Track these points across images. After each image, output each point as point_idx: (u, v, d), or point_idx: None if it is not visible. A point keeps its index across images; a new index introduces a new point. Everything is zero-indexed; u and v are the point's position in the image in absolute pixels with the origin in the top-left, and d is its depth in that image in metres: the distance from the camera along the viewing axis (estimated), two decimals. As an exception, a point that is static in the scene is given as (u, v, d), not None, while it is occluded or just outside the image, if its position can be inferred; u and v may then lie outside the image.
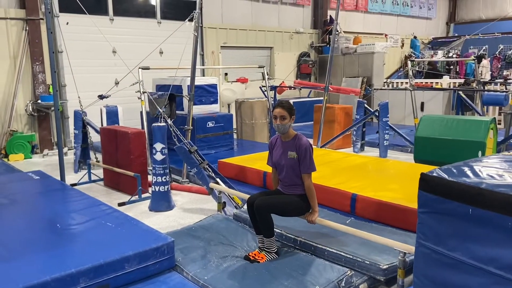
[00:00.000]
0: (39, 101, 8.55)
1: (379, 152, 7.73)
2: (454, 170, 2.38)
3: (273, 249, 3.39)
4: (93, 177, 6.40)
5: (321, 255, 3.36)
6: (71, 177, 6.37)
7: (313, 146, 3.48)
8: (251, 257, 3.36)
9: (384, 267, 3.02)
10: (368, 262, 3.09)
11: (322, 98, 8.39)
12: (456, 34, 18.29)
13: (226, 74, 11.97)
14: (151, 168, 5.53)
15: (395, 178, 5.03)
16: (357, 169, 5.48)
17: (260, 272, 3.09)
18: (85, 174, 6.40)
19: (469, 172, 2.34)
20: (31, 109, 8.61)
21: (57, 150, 7.03)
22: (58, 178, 5.57)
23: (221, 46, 11.74)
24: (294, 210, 3.45)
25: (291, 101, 12.25)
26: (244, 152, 7.39)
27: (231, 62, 11.84)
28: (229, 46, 11.94)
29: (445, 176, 2.31)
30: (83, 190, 5.23)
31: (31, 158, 8.31)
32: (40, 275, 2.63)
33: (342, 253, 3.26)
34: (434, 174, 2.36)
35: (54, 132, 8.90)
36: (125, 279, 2.95)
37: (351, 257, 3.20)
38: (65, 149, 8.33)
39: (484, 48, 16.04)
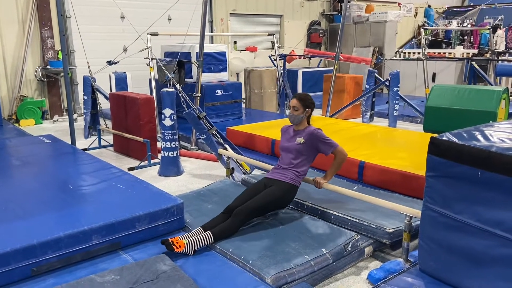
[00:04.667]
0: (48, 66, 8.55)
1: (388, 122, 7.68)
2: (465, 134, 2.37)
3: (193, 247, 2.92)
4: (103, 143, 6.47)
5: (328, 219, 3.41)
6: (81, 143, 6.43)
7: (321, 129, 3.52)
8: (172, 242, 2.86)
9: (390, 230, 3.06)
10: (374, 226, 3.13)
11: (332, 68, 8.27)
12: (471, 4, 17.75)
13: (235, 42, 11.81)
14: (160, 135, 5.56)
15: (403, 147, 5.02)
16: (365, 138, 5.47)
17: (268, 234, 3.15)
18: (95, 140, 6.47)
19: (479, 136, 2.32)
20: (40, 75, 8.63)
21: (67, 116, 7.08)
22: (69, 143, 5.64)
23: (230, 13, 11.54)
24: (275, 207, 3.40)
25: (301, 71, 11.86)
26: (253, 121, 7.38)
27: (241, 30, 11.66)
28: (238, 14, 11.72)
29: (455, 139, 2.31)
30: (93, 155, 5.30)
31: (41, 123, 8.40)
32: (53, 231, 2.71)
33: (348, 217, 3.30)
34: (444, 138, 2.35)
35: (63, 98, 8.94)
36: (136, 238, 3.03)
37: (357, 221, 3.24)
38: (74, 115, 8.38)
39: (499, 18, 15.58)
